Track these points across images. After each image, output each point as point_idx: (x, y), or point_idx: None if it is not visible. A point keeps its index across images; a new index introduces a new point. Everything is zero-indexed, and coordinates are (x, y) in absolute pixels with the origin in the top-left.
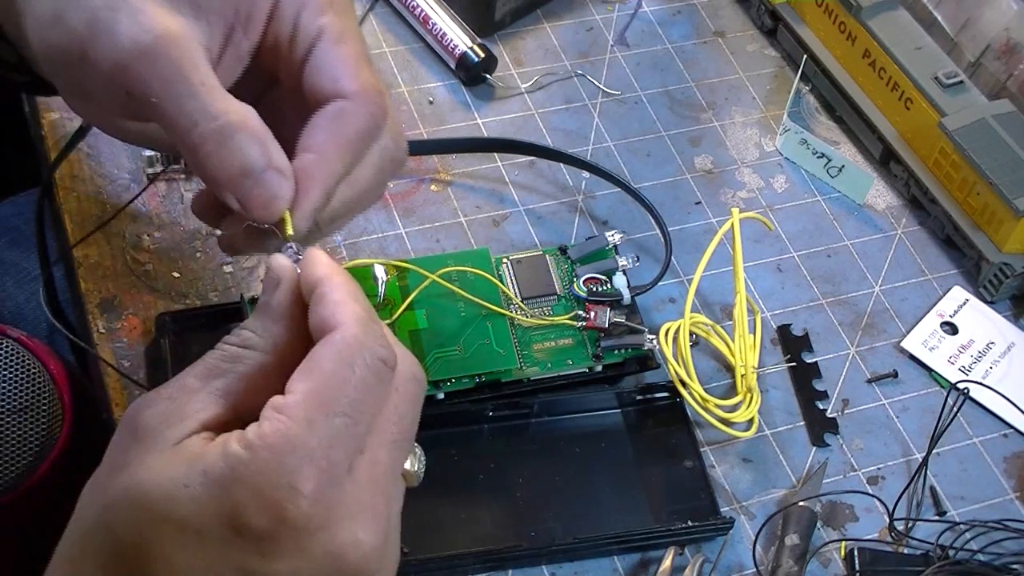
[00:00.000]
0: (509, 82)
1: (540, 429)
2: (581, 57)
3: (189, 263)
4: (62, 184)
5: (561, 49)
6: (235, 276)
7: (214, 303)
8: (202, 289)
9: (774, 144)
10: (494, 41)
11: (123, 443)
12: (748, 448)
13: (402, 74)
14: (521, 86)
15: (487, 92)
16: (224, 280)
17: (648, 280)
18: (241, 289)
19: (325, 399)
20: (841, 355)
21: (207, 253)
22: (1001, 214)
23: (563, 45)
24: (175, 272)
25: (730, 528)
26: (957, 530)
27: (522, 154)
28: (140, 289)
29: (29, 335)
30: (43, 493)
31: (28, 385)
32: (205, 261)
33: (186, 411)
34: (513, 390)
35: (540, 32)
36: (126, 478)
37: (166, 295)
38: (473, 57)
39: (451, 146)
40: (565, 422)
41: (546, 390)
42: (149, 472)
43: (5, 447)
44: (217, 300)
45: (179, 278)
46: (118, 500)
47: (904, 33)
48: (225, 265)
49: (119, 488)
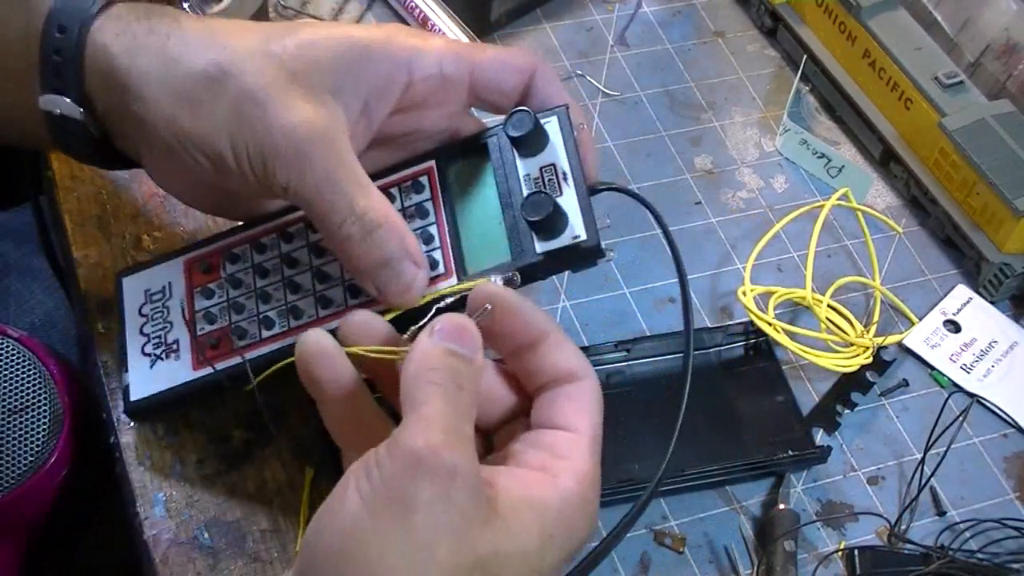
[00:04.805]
0: None
1: (637, 371)
2: (581, 57)
3: None
4: (62, 184)
5: (561, 49)
6: None
7: None
8: None
9: (774, 144)
10: (493, 41)
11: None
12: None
13: None
14: None
15: None
16: None
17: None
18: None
19: (597, 441)
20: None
21: None
22: (1001, 214)
23: (563, 45)
24: None
25: (828, 455)
26: (957, 530)
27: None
28: None
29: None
30: (43, 493)
31: (28, 385)
32: None
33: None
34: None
35: (540, 32)
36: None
37: None
38: None
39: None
40: (660, 363)
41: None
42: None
43: (5, 447)
44: None
45: None
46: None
47: (904, 33)
48: None
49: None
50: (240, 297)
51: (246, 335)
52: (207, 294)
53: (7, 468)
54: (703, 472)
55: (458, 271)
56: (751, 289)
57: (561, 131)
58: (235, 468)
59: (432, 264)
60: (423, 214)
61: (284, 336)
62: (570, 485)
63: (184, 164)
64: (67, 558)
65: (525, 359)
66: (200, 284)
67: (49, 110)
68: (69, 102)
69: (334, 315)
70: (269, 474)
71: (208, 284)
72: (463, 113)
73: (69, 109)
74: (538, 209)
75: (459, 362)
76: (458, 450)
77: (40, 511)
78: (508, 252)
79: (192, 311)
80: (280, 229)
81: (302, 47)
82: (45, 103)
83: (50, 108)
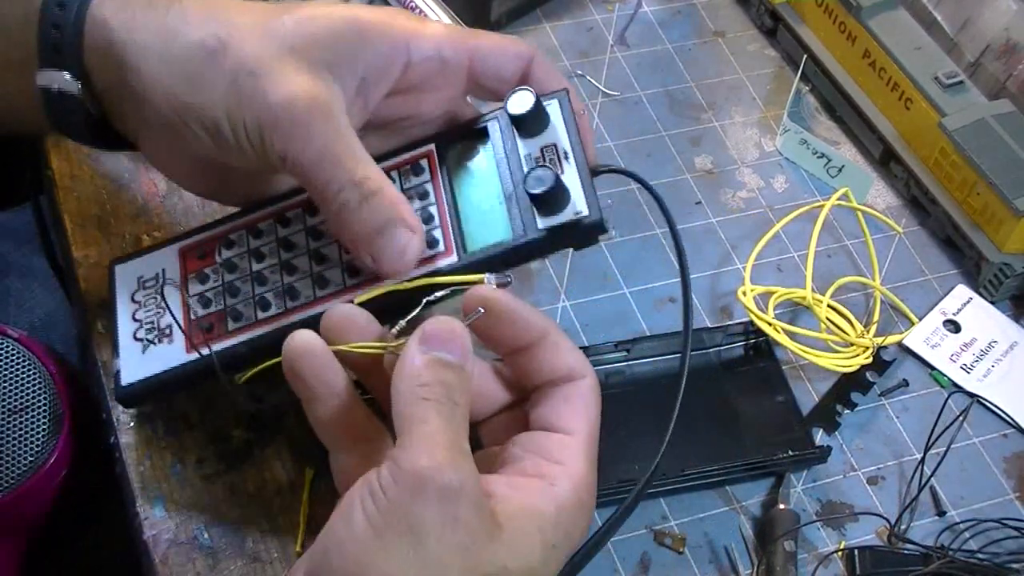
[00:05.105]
0: None
1: (636, 371)
2: (581, 57)
3: None
4: (62, 184)
5: (561, 49)
6: None
7: None
8: None
9: (774, 144)
10: None
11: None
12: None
13: None
14: None
15: None
16: None
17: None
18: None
19: (592, 443)
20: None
21: None
22: (1001, 214)
23: (563, 45)
24: None
25: (828, 455)
26: (957, 530)
27: None
28: None
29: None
30: (43, 493)
31: (28, 385)
32: None
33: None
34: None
35: (540, 32)
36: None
37: None
38: None
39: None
40: (660, 363)
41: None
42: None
43: (5, 447)
44: None
45: None
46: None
47: (904, 33)
48: None
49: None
50: (236, 281)
51: (241, 317)
52: (202, 279)
53: (7, 468)
54: (703, 472)
55: (458, 249)
56: (751, 289)
57: (562, 112)
58: (235, 468)
59: (432, 243)
60: (423, 195)
61: (280, 318)
62: (567, 491)
63: (182, 140)
64: (67, 558)
65: (522, 360)
66: (195, 269)
67: (47, 86)
68: (67, 77)
69: (331, 295)
70: (269, 474)
71: (203, 269)
72: (461, 99)
73: (67, 85)
74: (541, 183)
75: (450, 374)
76: (462, 468)
77: (40, 511)
78: (509, 230)
79: (186, 295)
80: (277, 214)
81: (300, 23)
82: (43, 79)
83: (47, 84)
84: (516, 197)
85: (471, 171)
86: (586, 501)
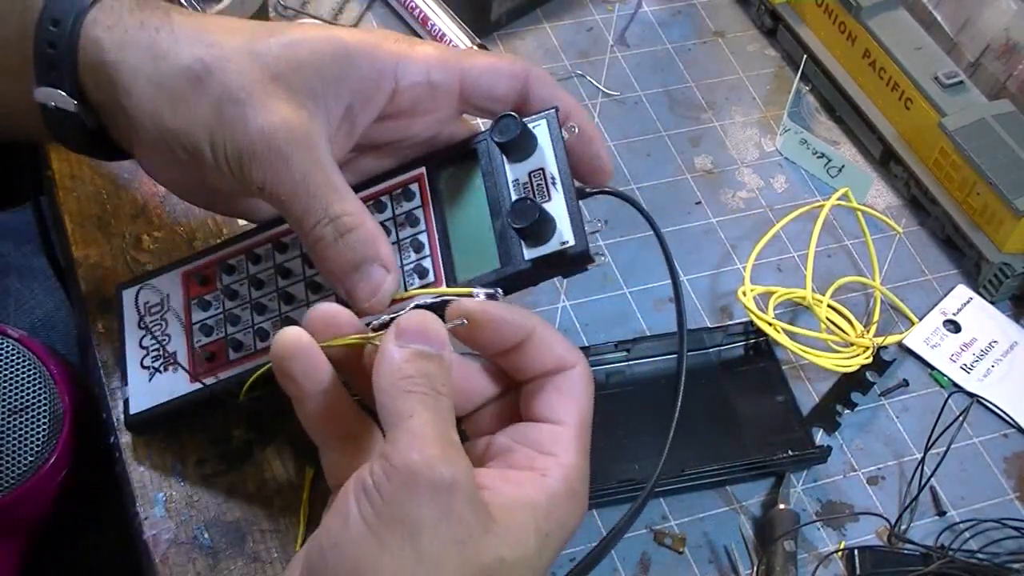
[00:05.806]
0: None
1: (636, 371)
2: (581, 57)
3: None
4: (62, 184)
5: (561, 49)
6: None
7: None
8: None
9: (774, 144)
10: (493, 41)
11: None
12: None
13: None
14: None
15: None
16: None
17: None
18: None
19: (584, 431)
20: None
21: None
22: (1001, 214)
23: (563, 45)
24: None
25: (828, 455)
26: (957, 530)
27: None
28: None
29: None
30: (43, 493)
31: (28, 385)
32: None
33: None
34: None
35: (540, 32)
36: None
37: None
38: None
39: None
40: (660, 363)
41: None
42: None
43: (5, 447)
44: None
45: None
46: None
47: (904, 33)
48: None
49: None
50: (236, 309)
51: (241, 347)
52: (203, 305)
53: (7, 468)
54: (703, 472)
55: (448, 279)
56: (751, 289)
57: (550, 135)
58: (235, 468)
59: (422, 273)
60: (414, 222)
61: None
62: (558, 481)
63: (171, 158)
64: (67, 558)
65: (510, 359)
66: (197, 295)
67: (44, 103)
68: (63, 95)
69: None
70: (269, 474)
71: (204, 296)
72: (454, 119)
73: (63, 102)
74: (524, 216)
75: (430, 364)
76: (454, 461)
77: (40, 511)
78: (497, 260)
79: (189, 323)
80: (275, 239)
81: (286, 48)
82: (40, 96)
83: (45, 101)
84: (503, 226)
85: (461, 197)
86: (579, 490)
